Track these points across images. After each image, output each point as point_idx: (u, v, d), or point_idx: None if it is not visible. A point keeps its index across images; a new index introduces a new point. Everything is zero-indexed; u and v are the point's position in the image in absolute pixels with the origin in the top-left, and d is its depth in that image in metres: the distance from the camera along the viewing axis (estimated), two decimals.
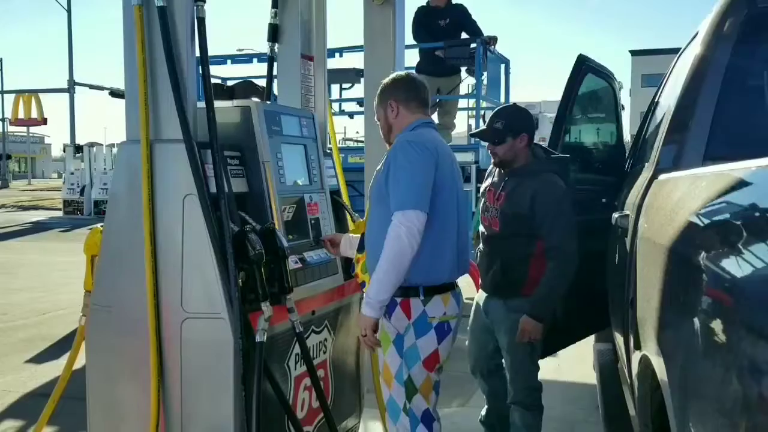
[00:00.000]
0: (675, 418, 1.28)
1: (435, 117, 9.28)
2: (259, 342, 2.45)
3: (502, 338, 3.19)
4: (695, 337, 1.24)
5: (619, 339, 2.68)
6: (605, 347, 4.26)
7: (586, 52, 4.02)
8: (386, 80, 2.79)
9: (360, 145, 5.12)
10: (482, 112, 8.81)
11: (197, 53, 2.59)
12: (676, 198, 1.80)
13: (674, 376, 1.34)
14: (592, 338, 4.96)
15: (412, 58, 8.19)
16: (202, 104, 2.59)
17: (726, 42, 2.21)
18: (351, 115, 10.10)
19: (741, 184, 1.39)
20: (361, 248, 2.78)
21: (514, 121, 3.16)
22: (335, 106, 9.89)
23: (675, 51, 3.11)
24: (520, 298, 3.11)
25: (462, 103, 9.43)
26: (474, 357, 3.41)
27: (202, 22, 2.58)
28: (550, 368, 5.32)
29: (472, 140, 9.09)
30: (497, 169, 3.32)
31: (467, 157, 8.67)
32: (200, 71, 2.68)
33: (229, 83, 9.33)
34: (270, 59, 3.51)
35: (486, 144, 3.22)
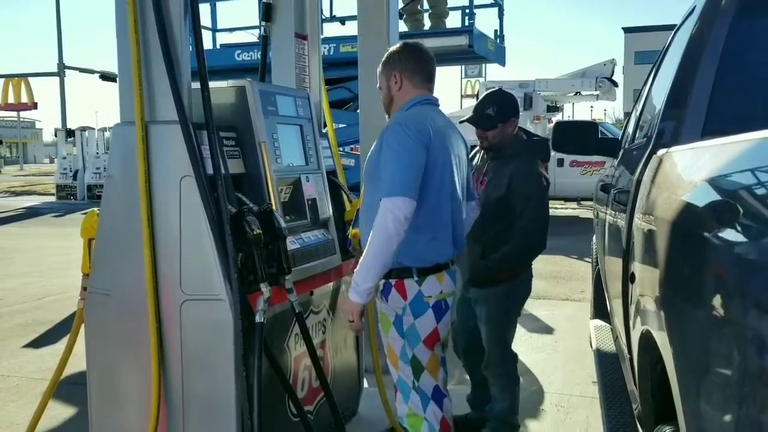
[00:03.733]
0: (679, 392, 1.29)
1: (425, 3, 9.05)
2: (259, 323, 2.46)
3: (479, 310, 3.28)
4: (698, 311, 1.24)
5: (618, 314, 2.69)
6: (602, 324, 4.29)
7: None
8: (394, 48, 2.72)
9: (353, 34, 4.86)
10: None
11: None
12: (676, 172, 1.80)
13: (678, 350, 1.34)
14: (588, 314, 4.99)
15: None
16: (196, 84, 2.56)
17: (724, 16, 2.20)
18: (342, 21, 9.84)
19: (741, 156, 1.39)
20: (356, 224, 2.78)
21: (504, 106, 3.20)
22: (326, 11, 9.66)
23: (668, 28, 3.11)
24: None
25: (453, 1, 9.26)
26: (455, 333, 3.45)
27: (195, 0, 2.55)
28: (546, 344, 5.37)
29: (467, 22, 8.92)
30: (480, 153, 3.37)
31: (461, 41, 8.47)
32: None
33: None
34: (264, 39, 3.48)
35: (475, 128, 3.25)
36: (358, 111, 4.48)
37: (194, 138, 2.46)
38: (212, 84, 2.61)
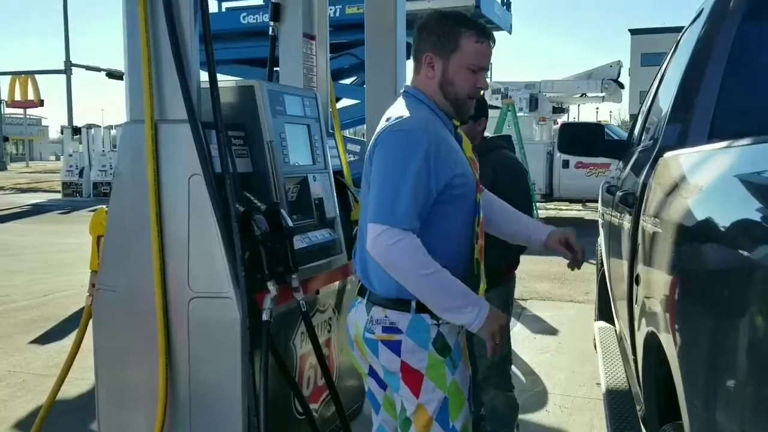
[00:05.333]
0: (684, 393, 1.30)
1: None
2: (265, 321, 2.47)
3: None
4: (704, 313, 1.25)
5: (622, 316, 2.70)
6: (606, 325, 4.29)
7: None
8: None
9: None
10: None
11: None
12: (682, 175, 1.81)
13: (683, 352, 1.35)
14: (592, 316, 4.99)
15: None
16: (205, 84, 2.58)
17: (732, 19, 2.21)
18: None
19: (748, 160, 1.39)
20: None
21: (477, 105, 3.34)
22: None
23: (675, 30, 3.12)
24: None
25: None
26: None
27: (205, 1, 2.57)
28: (550, 346, 5.37)
29: None
30: None
31: (468, 1, 8.27)
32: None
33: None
34: (272, 38, 3.50)
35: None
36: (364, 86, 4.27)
37: (203, 137, 2.48)
38: (221, 83, 2.62)
